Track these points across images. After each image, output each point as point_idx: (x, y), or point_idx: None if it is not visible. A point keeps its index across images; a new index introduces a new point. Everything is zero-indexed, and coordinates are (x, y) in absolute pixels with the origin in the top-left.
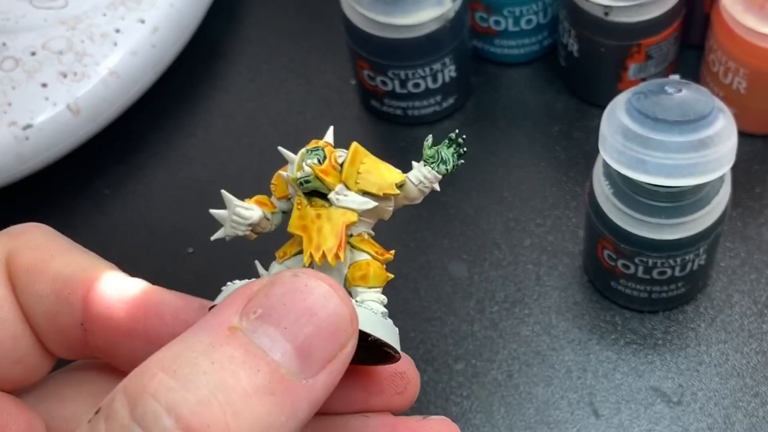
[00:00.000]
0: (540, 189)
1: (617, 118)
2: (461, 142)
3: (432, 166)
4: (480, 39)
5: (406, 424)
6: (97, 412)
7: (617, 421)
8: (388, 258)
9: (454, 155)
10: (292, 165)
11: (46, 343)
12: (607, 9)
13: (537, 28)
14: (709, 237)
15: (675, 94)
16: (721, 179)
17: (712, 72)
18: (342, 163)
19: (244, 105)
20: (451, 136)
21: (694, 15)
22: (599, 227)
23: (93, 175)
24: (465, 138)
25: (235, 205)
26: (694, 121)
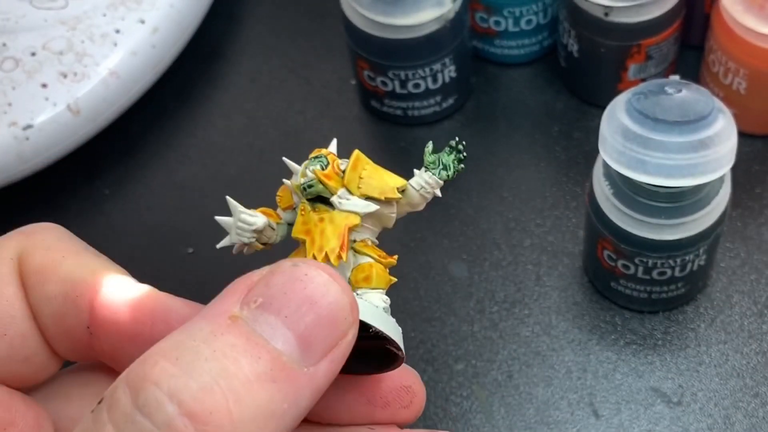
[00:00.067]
0: (540, 189)
1: (617, 118)
2: (461, 149)
3: (433, 171)
4: (480, 39)
5: None
6: (100, 402)
7: (617, 422)
8: (391, 262)
9: (454, 161)
10: (296, 175)
11: (52, 343)
12: (607, 9)
13: (537, 29)
14: (709, 237)
15: (675, 94)
16: (721, 179)
17: (712, 72)
18: (344, 170)
19: (243, 105)
20: (452, 143)
21: (694, 15)
22: (599, 227)
23: (93, 175)
24: (465, 144)
25: (239, 211)
26: (694, 121)
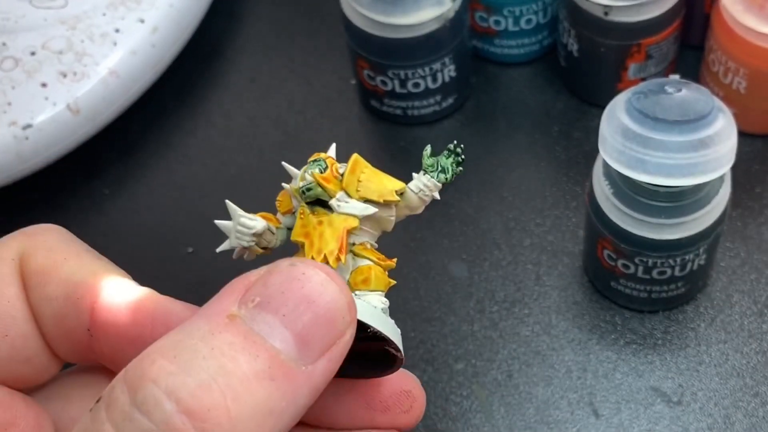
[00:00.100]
0: (540, 189)
1: (617, 117)
2: (460, 152)
3: (431, 175)
4: (480, 39)
5: None
6: (98, 401)
7: (617, 421)
8: (390, 265)
9: (453, 164)
10: (295, 179)
11: (53, 345)
12: (607, 9)
13: (537, 28)
14: (709, 237)
15: (675, 93)
16: (721, 179)
17: (711, 72)
18: (342, 173)
19: (244, 105)
20: (450, 147)
21: (694, 15)
22: (599, 227)
23: (93, 175)
24: (463, 148)
25: (239, 215)
26: (694, 120)
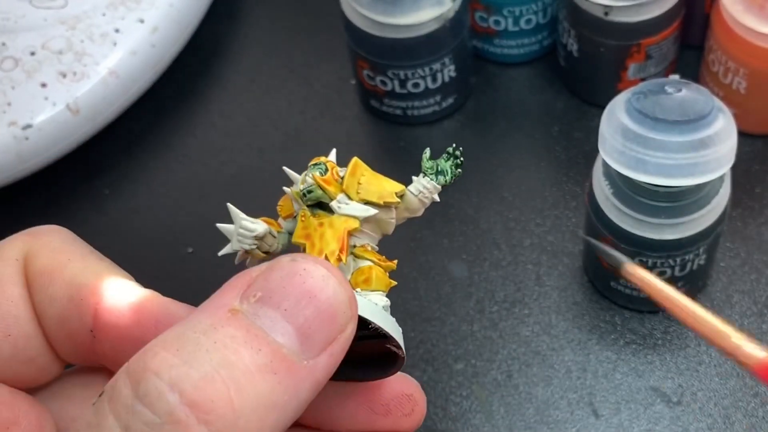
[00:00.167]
0: (540, 189)
1: (617, 118)
2: (459, 155)
3: (431, 177)
4: (480, 39)
5: None
6: (101, 395)
7: (617, 421)
8: (390, 266)
9: (452, 167)
10: (296, 184)
11: (55, 345)
12: (607, 9)
13: (537, 28)
14: (709, 237)
15: (675, 93)
16: (720, 179)
17: (711, 72)
18: (343, 177)
19: (243, 105)
20: (449, 149)
21: (693, 15)
22: (599, 227)
23: (93, 175)
24: (462, 150)
25: (240, 218)
26: (694, 120)
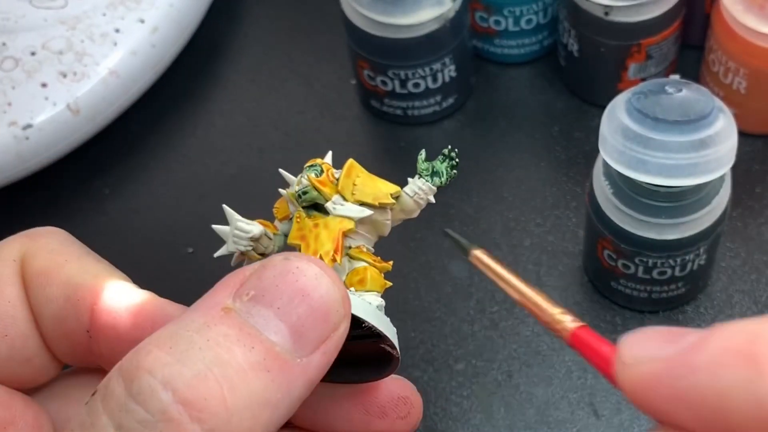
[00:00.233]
0: (540, 189)
1: (617, 117)
2: (454, 156)
3: (426, 178)
4: (480, 39)
5: None
6: (94, 394)
7: (617, 422)
8: (385, 267)
9: (447, 168)
10: (292, 186)
11: (52, 346)
12: (608, 9)
13: (537, 28)
14: (710, 237)
15: (675, 93)
16: (721, 179)
17: (712, 72)
18: (338, 178)
19: (243, 105)
20: (445, 151)
21: (694, 15)
22: (599, 227)
23: (93, 175)
24: (458, 152)
25: (236, 219)
26: (695, 120)
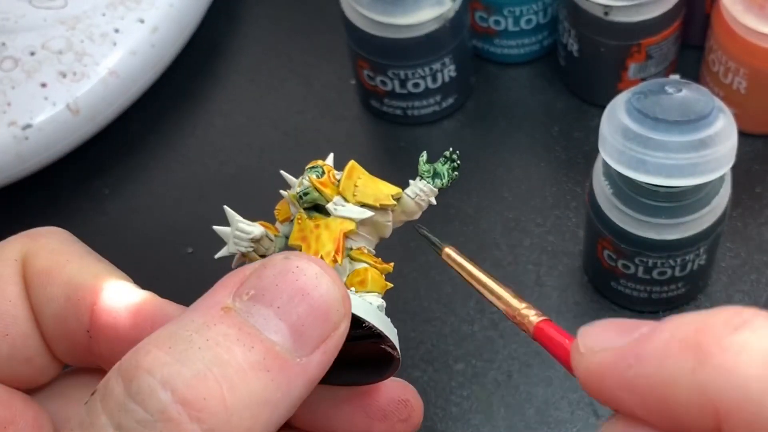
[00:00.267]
0: (540, 189)
1: (617, 117)
2: (455, 158)
3: (427, 180)
4: (480, 39)
5: None
6: (94, 393)
7: None
8: (386, 268)
9: (449, 170)
10: (293, 187)
11: (52, 346)
12: (607, 9)
13: (537, 28)
14: (710, 237)
15: (675, 93)
16: (721, 179)
17: (712, 72)
18: (339, 180)
19: (243, 105)
20: (446, 153)
21: (694, 15)
22: (599, 227)
23: (93, 175)
24: (459, 154)
25: (237, 221)
26: (695, 120)
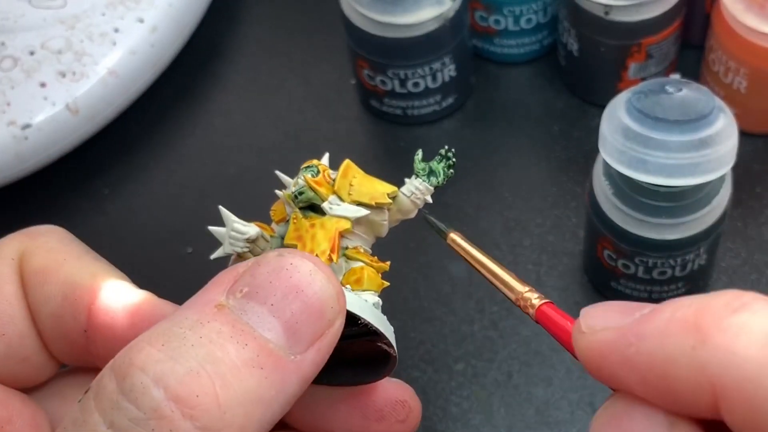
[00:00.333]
0: (540, 189)
1: (617, 117)
2: (451, 156)
3: (423, 178)
4: (480, 38)
5: None
6: (87, 391)
7: None
8: (383, 267)
9: (444, 168)
10: (288, 188)
11: (49, 345)
12: (608, 8)
13: (537, 28)
14: (710, 237)
15: (675, 93)
16: (721, 179)
17: (712, 71)
18: (335, 179)
19: (243, 104)
20: (441, 152)
21: (694, 14)
22: (599, 227)
23: (93, 175)
24: (455, 152)
25: (232, 221)
26: (695, 120)
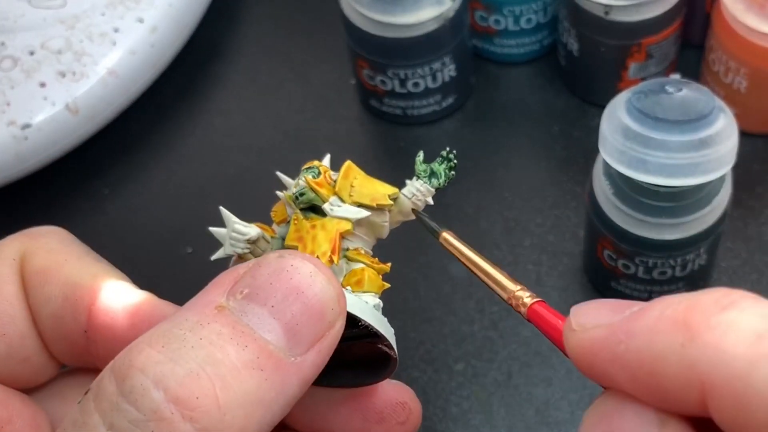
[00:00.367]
0: (540, 189)
1: (617, 117)
2: (452, 158)
3: (424, 180)
4: (480, 38)
5: None
6: (87, 392)
7: None
8: (383, 268)
9: (445, 170)
10: (289, 189)
11: (50, 346)
12: (608, 8)
13: (537, 28)
14: (710, 237)
15: (675, 93)
16: (721, 179)
17: (712, 71)
18: (336, 180)
19: (243, 104)
20: (443, 153)
21: (694, 14)
22: (599, 227)
23: (92, 175)
24: (456, 154)
25: (233, 222)
26: (695, 120)
